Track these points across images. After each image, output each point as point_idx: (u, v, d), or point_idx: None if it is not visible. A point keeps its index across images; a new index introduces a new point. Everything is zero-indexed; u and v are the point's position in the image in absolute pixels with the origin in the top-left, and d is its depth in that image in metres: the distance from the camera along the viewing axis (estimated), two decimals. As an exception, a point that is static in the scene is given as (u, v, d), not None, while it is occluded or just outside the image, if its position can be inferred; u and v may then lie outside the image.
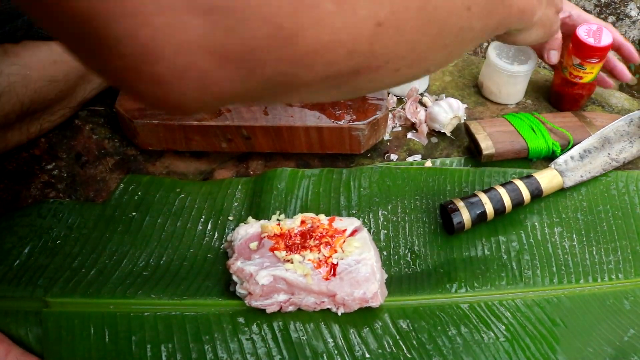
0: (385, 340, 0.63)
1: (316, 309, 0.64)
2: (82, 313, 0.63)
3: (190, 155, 0.85)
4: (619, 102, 0.98)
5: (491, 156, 0.82)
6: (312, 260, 0.64)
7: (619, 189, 0.81)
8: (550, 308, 0.68)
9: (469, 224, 0.73)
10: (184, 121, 0.79)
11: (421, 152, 0.87)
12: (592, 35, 0.84)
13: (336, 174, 0.81)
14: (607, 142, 0.84)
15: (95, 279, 0.67)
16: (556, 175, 0.79)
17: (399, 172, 0.81)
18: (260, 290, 0.62)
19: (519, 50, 0.93)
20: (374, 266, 0.64)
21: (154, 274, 0.68)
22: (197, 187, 0.79)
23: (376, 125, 0.82)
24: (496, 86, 0.93)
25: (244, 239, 0.67)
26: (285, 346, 0.62)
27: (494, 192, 0.75)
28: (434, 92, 0.96)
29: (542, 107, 0.95)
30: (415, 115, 0.90)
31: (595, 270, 0.73)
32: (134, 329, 0.62)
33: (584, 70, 0.87)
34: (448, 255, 0.73)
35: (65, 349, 0.61)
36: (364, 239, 0.67)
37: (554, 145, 0.83)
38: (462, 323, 0.65)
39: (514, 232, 0.76)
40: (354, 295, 0.63)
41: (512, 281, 0.71)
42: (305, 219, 0.69)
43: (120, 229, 0.73)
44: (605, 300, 0.70)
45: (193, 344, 0.61)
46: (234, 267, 0.64)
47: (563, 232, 0.76)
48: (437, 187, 0.80)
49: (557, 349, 0.64)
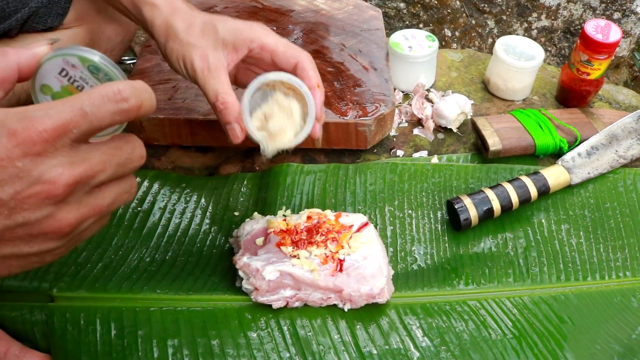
0: (392, 336, 0.63)
1: (322, 304, 0.64)
2: (88, 308, 0.63)
3: (196, 150, 0.84)
4: (626, 99, 0.98)
5: (498, 152, 0.82)
6: (319, 256, 0.63)
7: (627, 186, 0.81)
8: (558, 305, 0.68)
9: (476, 220, 0.73)
10: (190, 116, 0.79)
11: (427, 148, 0.87)
12: (600, 32, 0.84)
13: (342, 169, 0.80)
14: (615, 139, 0.84)
15: (101, 274, 0.67)
16: (563, 172, 0.79)
17: (405, 168, 0.81)
18: (267, 286, 0.62)
19: (526, 46, 0.92)
20: (381, 262, 0.64)
21: (160, 269, 0.68)
22: (202, 182, 0.79)
23: (382, 121, 0.81)
24: (503, 82, 0.93)
25: (250, 235, 0.67)
26: (292, 342, 0.62)
27: (501, 188, 0.75)
28: (440, 88, 0.96)
29: (549, 104, 0.95)
30: (421, 111, 0.90)
31: (602, 267, 0.72)
32: (140, 324, 0.62)
33: (591, 67, 0.86)
34: (455, 252, 0.73)
35: (71, 343, 0.61)
36: (370, 235, 0.67)
37: (561, 141, 0.83)
38: (469, 319, 0.65)
39: (521, 229, 0.75)
40: (361, 291, 0.62)
41: (519, 278, 0.70)
42: (311, 215, 0.68)
43: (125, 224, 0.73)
44: (613, 297, 0.69)
45: (199, 339, 0.61)
46: (240, 263, 0.63)
47: (570, 229, 0.76)
48: (444, 184, 0.80)
49: (565, 346, 0.63)
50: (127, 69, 1.03)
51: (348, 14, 1.00)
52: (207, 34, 0.60)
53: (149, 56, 0.89)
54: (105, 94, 0.35)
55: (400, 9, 1.39)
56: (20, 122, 0.33)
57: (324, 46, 0.92)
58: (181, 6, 0.61)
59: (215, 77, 0.58)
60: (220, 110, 0.58)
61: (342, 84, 0.85)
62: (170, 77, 0.85)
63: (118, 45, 0.87)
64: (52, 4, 0.74)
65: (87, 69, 0.40)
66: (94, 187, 0.36)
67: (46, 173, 0.33)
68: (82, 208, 0.36)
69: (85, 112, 0.34)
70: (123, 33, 0.86)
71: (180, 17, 0.60)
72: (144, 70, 0.87)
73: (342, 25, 0.97)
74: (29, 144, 0.32)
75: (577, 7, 1.32)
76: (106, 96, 0.35)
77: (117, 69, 0.40)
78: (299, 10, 1.00)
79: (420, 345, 0.63)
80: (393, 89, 0.85)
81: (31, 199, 0.33)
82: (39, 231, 0.35)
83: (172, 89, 0.83)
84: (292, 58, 0.61)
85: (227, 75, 0.59)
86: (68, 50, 0.39)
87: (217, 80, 0.58)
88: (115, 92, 0.35)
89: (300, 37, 0.94)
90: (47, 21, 0.75)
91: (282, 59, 0.60)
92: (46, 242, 0.36)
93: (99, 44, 0.83)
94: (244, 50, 0.61)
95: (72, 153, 0.34)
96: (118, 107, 0.35)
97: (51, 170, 0.33)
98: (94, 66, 0.40)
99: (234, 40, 0.60)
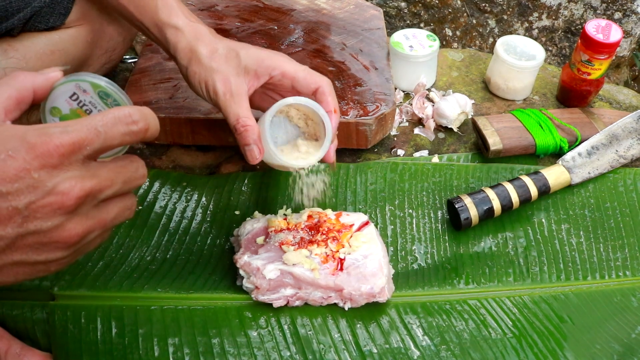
0: (392, 335, 0.63)
1: (323, 303, 0.64)
2: (88, 306, 0.63)
3: (197, 149, 0.85)
4: (626, 99, 0.98)
5: (499, 152, 0.82)
6: (320, 255, 0.63)
7: (627, 186, 0.81)
8: (558, 305, 0.68)
9: (476, 220, 0.73)
10: (191, 115, 0.79)
11: (428, 147, 0.87)
12: (600, 31, 0.84)
13: (343, 168, 0.80)
14: (615, 139, 0.84)
15: (102, 273, 0.67)
16: (564, 172, 0.79)
17: (405, 168, 0.81)
18: (267, 285, 0.62)
19: (527, 46, 0.92)
20: (381, 261, 0.64)
21: (161, 268, 0.68)
22: (203, 181, 0.79)
23: (383, 120, 0.81)
24: (503, 82, 0.93)
25: (250, 234, 0.67)
26: (292, 340, 0.62)
27: (502, 188, 0.75)
28: (441, 88, 0.96)
29: (550, 103, 0.95)
30: (422, 110, 0.90)
31: (602, 267, 0.72)
32: (141, 322, 0.62)
33: (592, 67, 0.87)
34: (455, 251, 0.73)
35: (72, 341, 0.61)
36: (371, 234, 0.67)
37: (562, 141, 0.83)
38: (469, 318, 0.65)
39: (521, 229, 0.76)
40: (361, 290, 0.62)
41: (519, 277, 0.70)
42: (312, 214, 0.68)
43: (126, 223, 0.73)
44: (613, 297, 0.69)
45: (200, 338, 0.61)
46: (241, 262, 0.64)
47: (570, 228, 0.76)
48: (444, 183, 0.80)
49: (565, 345, 0.63)
50: (128, 67, 1.03)
51: (349, 13, 1.00)
52: (230, 60, 0.62)
53: (150, 55, 0.89)
54: (117, 116, 0.38)
55: (401, 9, 1.39)
56: (39, 137, 0.35)
57: (325, 45, 0.93)
58: (205, 32, 0.64)
59: (237, 102, 0.61)
60: (241, 133, 0.60)
61: (343, 83, 0.85)
62: (171, 76, 0.85)
63: (120, 45, 0.87)
64: (54, 3, 0.74)
65: (97, 95, 0.43)
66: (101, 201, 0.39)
67: (60, 185, 0.36)
68: (89, 220, 0.38)
69: (99, 131, 0.37)
70: (125, 32, 0.86)
71: (204, 43, 0.63)
72: (145, 69, 0.87)
73: (343, 25, 0.97)
74: (46, 157, 0.35)
75: (578, 6, 1.32)
76: (118, 118, 0.38)
77: (125, 95, 0.44)
78: (300, 9, 1.00)
79: (421, 344, 0.63)
80: (394, 88, 0.85)
81: (44, 209, 0.36)
82: (49, 240, 0.37)
83: (173, 87, 0.83)
84: (313, 84, 0.63)
85: (247, 101, 0.62)
86: (81, 76, 0.43)
87: (239, 105, 0.61)
88: (127, 115, 0.38)
89: (301, 37, 0.94)
90: (49, 20, 0.75)
91: (302, 85, 0.63)
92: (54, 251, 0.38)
93: (101, 43, 0.83)
94: (265, 77, 0.63)
95: (84, 168, 0.37)
96: (128, 129, 0.38)
97: (64, 182, 0.36)
98: (104, 92, 0.43)
99: (256, 67, 0.62)
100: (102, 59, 0.85)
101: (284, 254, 0.63)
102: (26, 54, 0.74)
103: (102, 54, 0.85)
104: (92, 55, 0.83)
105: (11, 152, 0.35)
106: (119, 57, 0.90)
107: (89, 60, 0.83)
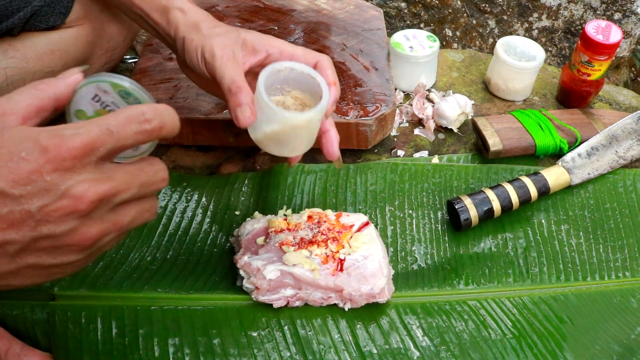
0: (392, 335, 0.63)
1: (323, 304, 0.64)
2: (89, 306, 0.63)
3: (197, 149, 0.85)
4: (626, 100, 0.98)
5: (498, 153, 0.82)
6: (320, 256, 0.64)
7: (626, 187, 0.81)
8: (557, 305, 0.68)
9: (476, 220, 0.73)
10: (191, 115, 0.79)
11: (428, 148, 0.87)
12: (600, 32, 0.84)
13: (343, 169, 0.81)
14: (615, 140, 0.84)
15: (102, 273, 0.67)
16: (563, 173, 0.79)
17: (405, 168, 0.81)
18: (268, 285, 0.62)
19: (527, 46, 0.92)
20: (381, 262, 0.64)
21: (161, 268, 0.68)
22: (203, 182, 0.79)
23: (383, 121, 0.81)
24: (503, 82, 0.93)
25: (250, 234, 0.67)
26: (292, 341, 0.62)
27: (501, 188, 0.75)
28: (441, 88, 0.96)
29: (550, 104, 0.95)
30: (422, 111, 0.90)
31: (602, 268, 0.73)
32: (141, 322, 0.62)
33: (592, 67, 0.87)
34: (455, 252, 0.73)
35: (72, 342, 0.61)
36: (371, 235, 0.67)
37: (562, 142, 0.83)
38: (469, 319, 0.65)
39: (521, 229, 0.76)
40: (361, 291, 0.63)
41: (519, 278, 0.71)
42: (312, 214, 0.69)
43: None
44: (612, 298, 0.69)
45: (200, 338, 0.61)
46: (241, 262, 0.64)
47: (570, 229, 0.76)
48: (444, 184, 0.80)
49: (564, 346, 0.63)
50: (128, 67, 1.03)
51: (349, 13, 1.00)
52: (230, 32, 0.61)
53: (150, 55, 0.89)
54: (130, 115, 0.37)
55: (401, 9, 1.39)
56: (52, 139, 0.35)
57: (325, 46, 0.93)
58: (207, 14, 0.64)
59: (233, 67, 0.59)
60: (235, 93, 0.58)
61: (343, 83, 0.85)
62: (171, 76, 0.85)
63: (120, 44, 0.87)
64: (55, 2, 0.74)
65: (118, 94, 0.43)
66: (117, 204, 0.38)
67: (73, 188, 0.35)
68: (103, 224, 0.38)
69: (111, 131, 0.36)
70: (125, 32, 0.86)
71: (206, 20, 0.63)
72: (145, 69, 0.87)
73: (344, 25, 0.97)
74: (59, 160, 0.35)
75: (578, 7, 1.32)
76: (130, 117, 0.37)
77: (146, 93, 0.43)
78: (300, 9, 1.00)
79: (420, 344, 0.63)
80: (394, 89, 0.85)
81: (57, 212, 0.35)
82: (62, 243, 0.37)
83: (174, 88, 0.83)
84: (312, 60, 0.62)
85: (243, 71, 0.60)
86: (100, 77, 0.42)
87: (234, 70, 0.59)
88: (139, 113, 0.38)
89: (301, 37, 0.94)
90: (49, 20, 0.75)
91: (301, 61, 0.62)
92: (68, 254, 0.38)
93: (101, 43, 0.83)
94: (262, 54, 0.62)
95: (98, 171, 0.36)
96: (141, 128, 0.37)
97: (78, 185, 0.35)
98: (124, 91, 0.43)
99: (253, 43, 0.61)
100: (103, 58, 0.85)
101: (284, 254, 0.63)
102: (26, 54, 0.74)
103: (102, 53, 0.85)
104: (93, 55, 0.83)
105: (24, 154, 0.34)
106: (120, 57, 0.90)
107: (89, 60, 0.83)
